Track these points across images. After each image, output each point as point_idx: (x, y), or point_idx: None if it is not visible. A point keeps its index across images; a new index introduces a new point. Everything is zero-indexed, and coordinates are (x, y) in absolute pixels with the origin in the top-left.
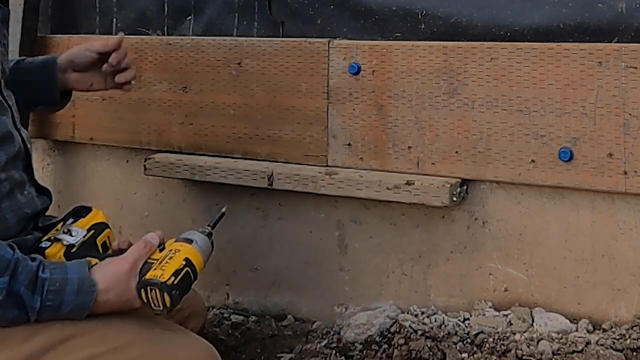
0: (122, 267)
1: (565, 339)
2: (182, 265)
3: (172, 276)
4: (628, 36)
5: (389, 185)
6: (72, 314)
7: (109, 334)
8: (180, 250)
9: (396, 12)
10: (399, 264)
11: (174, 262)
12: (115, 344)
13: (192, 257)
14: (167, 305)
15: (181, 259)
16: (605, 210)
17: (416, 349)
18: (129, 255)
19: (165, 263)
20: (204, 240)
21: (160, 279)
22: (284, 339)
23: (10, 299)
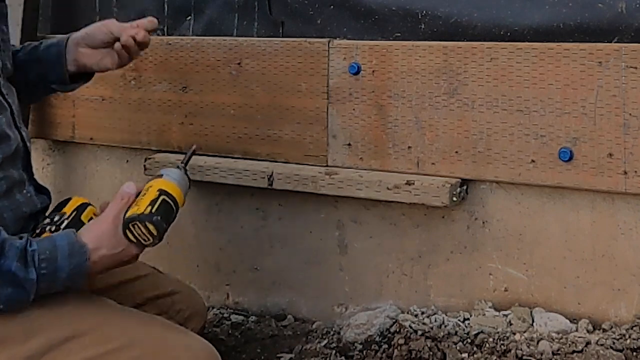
0: (105, 222)
1: (565, 339)
2: (157, 195)
3: (149, 206)
4: (628, 36)
5: (389, 185)
6: (71, 280)
7: (110, 335)
8: (152, 186)
9: (396, 12)
10: (399, 264)
11: (148, 195)
12: (115, 344)
13: (165, 187)
14: (155, 234)
15: (155, 190)
16: (605, 210)
17: (416, 349)
18: (109, 210)
19: (140, 199)
20: (176, 172)
21: (137, 212)
22: (284, 339)
23: (3, 277)
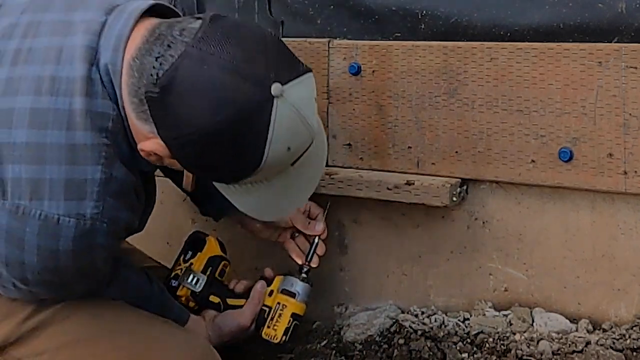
0: (243, 323)
1: (565, 339)
2: (290, 322)
3: (283, 335)
4: (628, 36)
5: (389, 185)
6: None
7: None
8: (286, 306)
9: (396, 12)
10: (399, 264)
11: (283, 320)
12: (114, 343)
13: (297, 311)
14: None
15: (288, 316)
16: (605, 210)
17: (416, 349)
18: (248, 314)
19: (276, 322)
20: (304, 289)
21: (274, 340)
22: None
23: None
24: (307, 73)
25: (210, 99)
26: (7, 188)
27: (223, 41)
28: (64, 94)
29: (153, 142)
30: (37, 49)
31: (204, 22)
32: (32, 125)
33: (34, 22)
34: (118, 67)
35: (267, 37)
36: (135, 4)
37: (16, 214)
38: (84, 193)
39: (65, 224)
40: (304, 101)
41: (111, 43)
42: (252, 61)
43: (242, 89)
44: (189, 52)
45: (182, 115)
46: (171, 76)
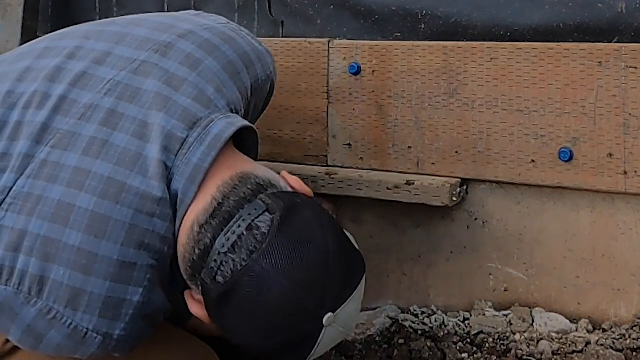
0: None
1: (565, 339)
2: None
3: None
4: (628, 36)
5: (389, 185)
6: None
7: None
8: None
9: (396, 12)
10: (399, 264)
11: None
12: None
13: None
14: None
15: None
16: (605, 210)
17: (416, 349)
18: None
19: None
20: None
21: None
22: None
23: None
24: (360, 282)
25: (264, 323)
26: (46, 288)
27: (287, 262)
28: (128, 206)
29: (199, 309)
30: (113, 145)
31: (272, 227)
32: (88, 230)
33: (116, 112)
34: (188, 200)
35: (330, 253)
36: (218, 128)
37: (47, 315)
38: (118, 314)
39: (91, 339)
40: (351, 315)
41: (187, 171)
42: (311, 290)
43: (297, 320)
44: (251, 267)
45: (234, 326)
46: (230, 288)
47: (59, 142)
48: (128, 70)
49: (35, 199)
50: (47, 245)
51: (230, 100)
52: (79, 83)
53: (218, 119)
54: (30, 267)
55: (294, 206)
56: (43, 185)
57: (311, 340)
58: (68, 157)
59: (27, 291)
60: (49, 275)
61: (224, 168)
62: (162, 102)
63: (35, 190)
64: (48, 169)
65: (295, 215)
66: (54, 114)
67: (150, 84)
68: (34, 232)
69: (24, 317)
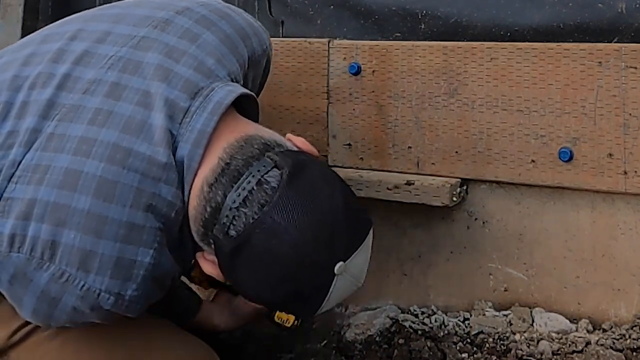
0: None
1: (565, 339)
2: None
3: (295, 319)
4: (628, 36)
5: (389, 185)
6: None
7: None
8: None
9: (396, 12)
10: (399, 264)
11: None
12: (112, 341)
13: None
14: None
15: None
16: (605, 210)
17: (416, 349)
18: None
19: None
20: None
21: (286, 324)
22: (284, 339)
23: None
24: (368, 235)
25: (275, 273)
26: (58, 252)
27: (297, 214)
28: (135, 170)
29: (212, 265)
30: (118, 114)
31: (281, 182)
32: (97, 194)
33: (119, 84)
34: (194, 165)
35: (339, 205)
36: (220, 95)
37: (59, 278)
38: (129, 275)
39: (104, 300)
40: (360, 266)
41: (192, 137)
42: (321, 240)
43: (308, 269)
44: (263, 220)
45: (246, 280)
46: (242, 242)
47: (64, 115)
48: (129, 45)
49: (43, 169)
50: (56, 210)
51: (231, 71)
52: (82, 61)
53: (219, 87)
54: (42, 233)
55: (302, 162)
56: (51, 156)
57: (323, 289)
58: (74, 128)
59: (39, 256)
60: (60, 239)
61: (228, 132)
62: (163, 74)
63: (43, 161)
64: (55, 140)
65: (304, 171)
66: (59, 90)
67: (151, 57)
68: (43, 200)
69: (38, 282)
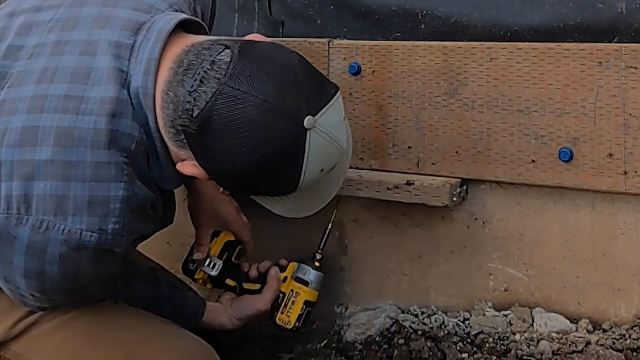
0: (263, 308)
1: (565, 339)
2: (303, 309)
3: (296, 322)
4: (628, 36)
5: (389, 185)
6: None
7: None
8: (300, 294)
9: (396, 12)
10: (399, 264)
11: (296, 307)
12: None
13: (310, 298)
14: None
15: (301, 303)
16: (605, 210)
17: (416, 349)
18: (267, 299)
19: (290, 308)
20: (317, 277)
21: (287, 325)
22: (284, 339)
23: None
24: (335, 95)
25: (247, 138)
26: (32, 204)
27: (254, 77)
28: (89, 114)
29: (191, 166)
30: (64, 67)
31: (233, 56)
32: (57, 142)
33: (61, 41)
34: (150, 90)
35: (296, 66)
36: (161, 23)
37: (39, 228)
38: (106, 210)
39: (87, 238)
40: (334, 125)
41: (142, 67)
42: (283, 96)
43: (277, 126)
44: (222, 90)
45: (221, 153)
46: (207, 116)
47: (14, 81)
48: (65, 6)
49: (1, 133)
50: (22, 166)
51: (172, 2)
52: (23, 30)
53: (160, 18)
54: (13, 189)
55: (252, 41)
56: (6, 119)
57: (298, 146)
58: (24, 90)
59: (16, 212)
60: (32, 191)
61: (175, 49)
62: (103, 21)
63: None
64: (7, 105)
65: (255, 45)
66: (5, 61)
67: (88, 10)
68: (7, 160)
69: (21, 238)
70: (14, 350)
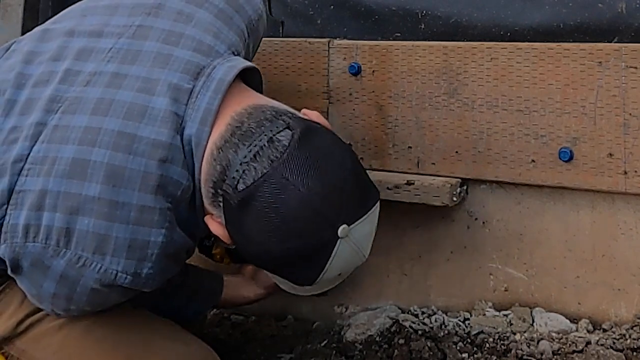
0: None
1: (566, 339)
2: None
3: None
4: (628, 36)
5: (389, 185)
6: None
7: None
8: None
9: (396, 12)
10: (399, 264)
11: None
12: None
13: None
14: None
15: None
16: (605, 210)
17: (416, 349)
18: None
19: None
20: None
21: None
22: (284, 339)
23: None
24: (374, 206)
25: (282, 228)
26: (73, 238)
27: (306, 171)
28: (141, 155)
29: (218, 224)
30: (120, 101)
31: (292, 141)
32: (106, 180)
33: (120, 74)
34: (203, 141)
35: (348, 169)
36: (221, 72)
37: (76, 264)
38: (144, 254)
39: (121, 280)
40: (365, 236)
41: (198, 115)
42: (327, 199)
43: (312, 225)
44: (272, 175)
45: (253, 233)
46: (250, 194)
47: (67, 107)
48: (126, 36)
49: (50, 161)
50: (68, 199)
51: (231, 44)
52: (82, 56)
53: (220, 64)
54: (55, 221)
55: (314, 127)
56: (56, 147)
57: (326, 250)
58: (77, 119)
59: (54, 244)
60: (74, 226)
61: (235, 104)
62: (164, 60)
63: (50, 153)
64: (60, 132)
65: (316, 133)
66: (61, 85)
67: (149, 45)
68: (54, 190)
69: (55, 269)
70: (19, 346)
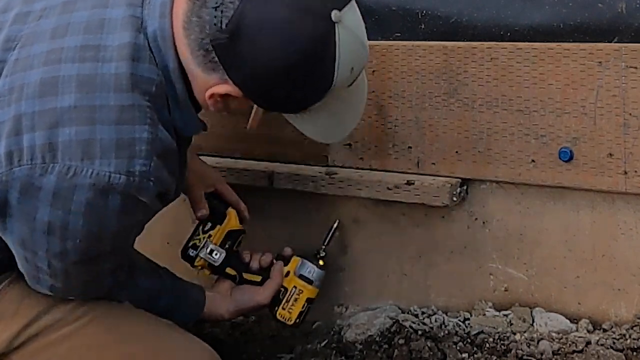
0: (262, 302)
1: (566, 339)
2: (305, 306)
3: (297, 318)
4: (628, 36)
5: (389, 185)
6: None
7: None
8: (303, 292)
9: (396, 12)
10: (399, 264)
11: (299, 304)
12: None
13: (312, 296)
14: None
15: (304, 301)
16: (605, 210)
17: (416, 349)
18: (268, 294)
19: (292, 305)
20: (320, 276)
21: (288, 322)
22: (284, 339)
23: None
24: None
25: (279, 37)
26: (58, 151)
27: None
28: (109, 60)
29: (224, 86)
30: (76, 22)
31: None
32: (79, 89)
33: (70, 1)
34: (167, 32)
35: None
36: None
37: (66, 174)
38: (133, 152)
39: (115, 180)
40: (358, 23)
41: (156, 11)
42: None
43: (306, 22)
44: None
45: (255, 56)
46: (237, 21)
47: (25, 42)
48: None
49: (18, 88)
50: (44, 116)
51: None
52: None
53: None
54: (36, 139)
55: None
56: (21, 76)
57: (329, 39)
58: (37, 47)
59: (40, 162)
60: (57, 139)
61: None
62: None
63: (15, 83)
64: (21, 63)
65: None
66: (14, 26)
67: None
68: (28, 112)
69: (47, 187)
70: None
